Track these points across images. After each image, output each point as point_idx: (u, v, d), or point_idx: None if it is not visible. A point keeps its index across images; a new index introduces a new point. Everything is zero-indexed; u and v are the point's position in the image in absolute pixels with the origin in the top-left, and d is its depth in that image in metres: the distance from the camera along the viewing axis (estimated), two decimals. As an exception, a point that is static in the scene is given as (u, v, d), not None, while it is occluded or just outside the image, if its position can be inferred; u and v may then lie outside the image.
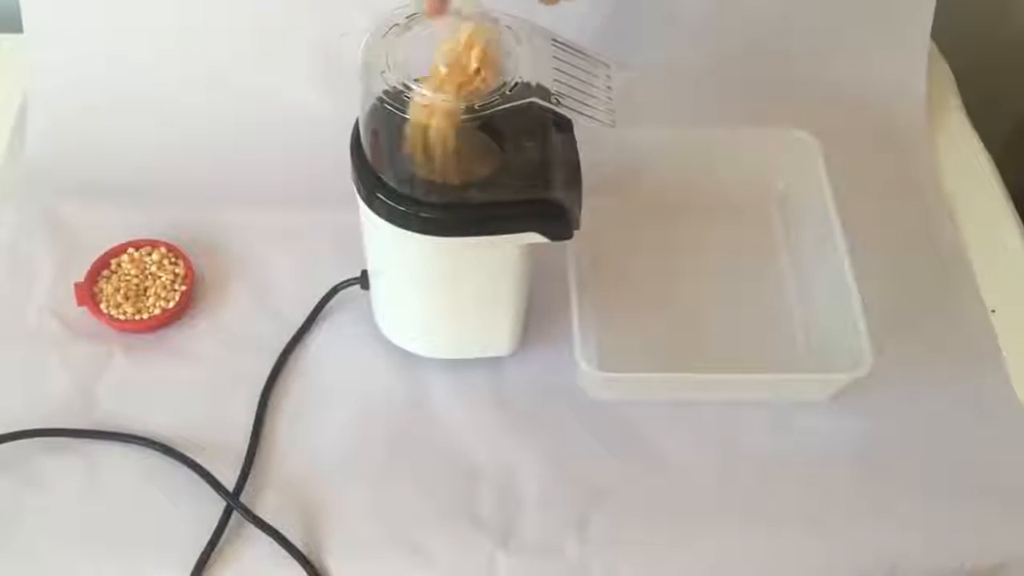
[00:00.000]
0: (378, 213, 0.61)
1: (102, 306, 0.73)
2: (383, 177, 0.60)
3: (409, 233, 0.61)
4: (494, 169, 0.61)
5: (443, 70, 0.57)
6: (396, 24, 0.58)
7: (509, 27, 0.59)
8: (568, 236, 0.62)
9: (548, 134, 0.62)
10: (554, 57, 0.59)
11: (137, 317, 0.72)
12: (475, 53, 0.56)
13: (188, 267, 0.75)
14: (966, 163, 0.88)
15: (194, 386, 0.71)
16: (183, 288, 0.74)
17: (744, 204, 0.81)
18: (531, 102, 0.57)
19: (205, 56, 0.83)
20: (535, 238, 0.62)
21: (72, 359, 0.72)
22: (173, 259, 0.75)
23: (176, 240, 0.77)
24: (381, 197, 0.60)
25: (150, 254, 0.75)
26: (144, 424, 0.69)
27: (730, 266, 0.78)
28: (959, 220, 0.83)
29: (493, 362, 0.73)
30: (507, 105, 0.56)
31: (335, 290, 0.75)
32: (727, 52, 0.86)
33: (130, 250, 0.75)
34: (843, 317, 0.70)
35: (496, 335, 0.71)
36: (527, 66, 0.58)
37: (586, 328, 0.69)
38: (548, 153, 0.62)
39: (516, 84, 0.57)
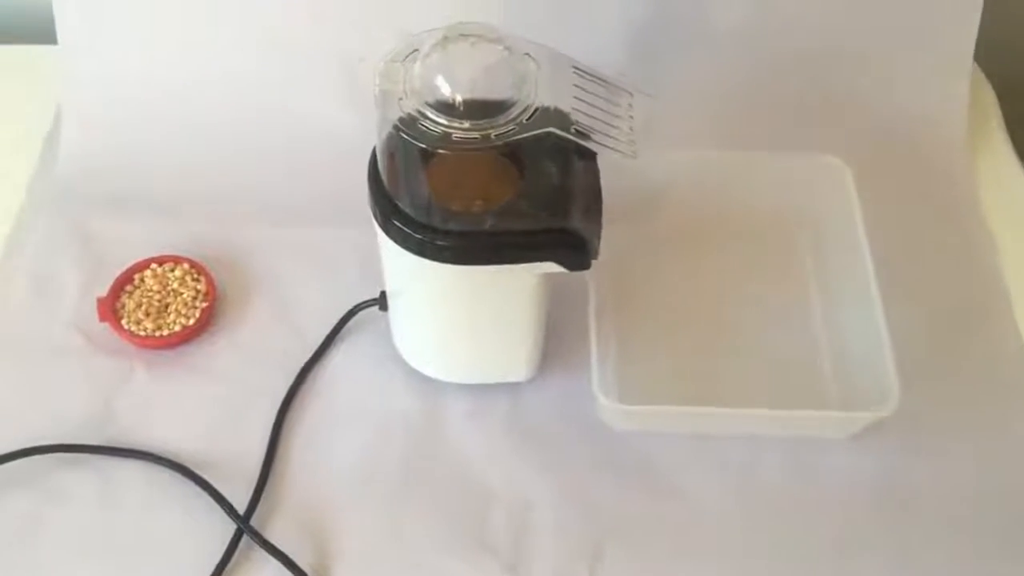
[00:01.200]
0: (394, 240, 0.60)
1: (123, 322, 0.73)
2: (399, 204, 0.60)
3: (425, 260, 0.60)
4: (512, 195, 0.60)
5: None
6: (415, 49, 0.58)
7: (528, 53, 0.58)
8: (586, 266, 0.61)
9: (569, 159, 0.61)
10: (575, 85, 0.58)
11: (157, 333, 0.73)
12: None
13: (210, 284, 0.75)
14: (1008, 190, 0.85)
15: (212, 403, 0.72)
16: (204, 305, 0.74)
17: (771, 232, 0.79)
18: (549, 132, 0.56)
19: (235, 74, 0.83)
20: (552, 268, 0.61)
21: (93, 374, 0.72)
22: (195, 276, 0.76)
23: (200, 256, 0.77)
24: (397, 224, 0.60)
25: (173, 270, 0.76)
26: (161, 441, 0.69)
27: (755, 296, 0.76)
28: (1000, 251, 0.80)
29: (511, 387, 0.72)
30: (524, 135, 0.55)
31: (354, 311, 0.74)
32: (758, 74, 0.84)
33: (153, 266, 0.76)
34: (871, 351, 0.68)
35: (514, 361, 0.70)
36: (546, 92, 0.57)
37: (605, 358, 0.69)
38: (568, 179, 0.61)
39: (535, 111, 0.56)
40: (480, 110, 0.56)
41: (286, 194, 0.81)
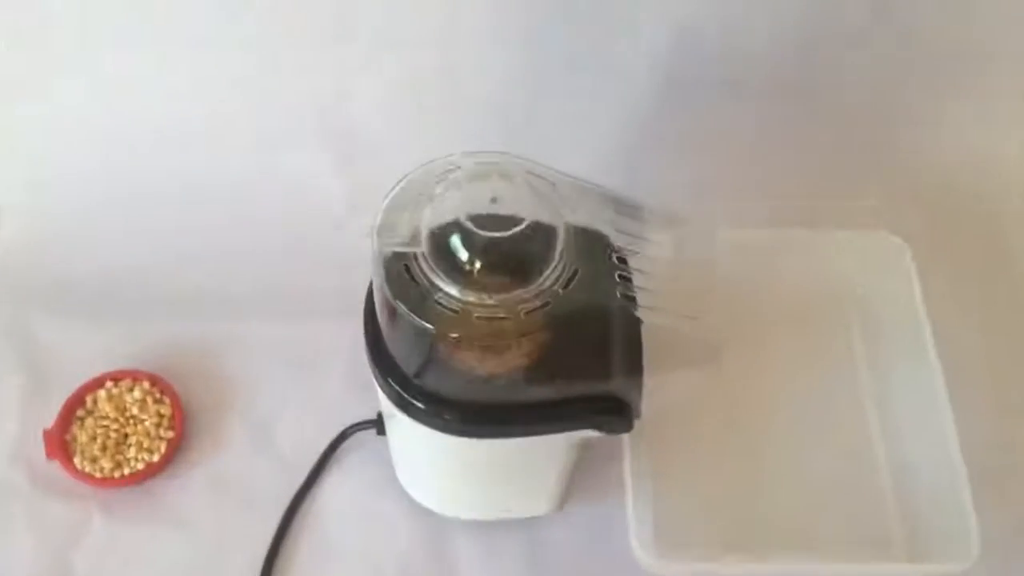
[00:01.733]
0: (395, 403, 0.50)
1: (76, 459, 0.62)
2: (400, 364, 0.49)
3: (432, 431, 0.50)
4: (538, 354, 0.50)
5: None
6: (420, 193, 0.46)
7: (565, 195, 0.47)
8: (628, 429, 0.51)
9: (605, 303, 0.50)
10: (618, 230, 0.47)
11: (116, 473, 0.62)
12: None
13: (176, 406, 0.64)
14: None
15: (185, 554, 0.62)
16: (169, 435, 0.63)
17: (821, 323, 0.69)
18: (595, 307, 0.45)
19: (197, 136, 0.70)
20: (587, 434, 0.51)
21: (43, 522, 0.62)
22: (158, 396, 0.65)
23: (162, 364, 0.67)
24: (397, 388, 0.49)
25: (131, 390, 0.65)
26: (128, 604, 0.60)
27: (804, 403, 0.66)
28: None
29: (530, 523, 0.63)
30: (563, 311, 0.45)
31: (345, 434, 0.64)
32: (797, 133, 0.73)
33: (108, 384, 0.65)
34: (941, 478, 0.59)
35: (535, 499, 0.61)
36: (583, 241, 0.47)
37: (640, 494, 0.59)
38: (605, 329, 0.50)
39: (574, 274, 0.46)
40: (506, 275, 0.45)
41: (261, 281, 0.70)
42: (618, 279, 0.46)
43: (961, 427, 0.60)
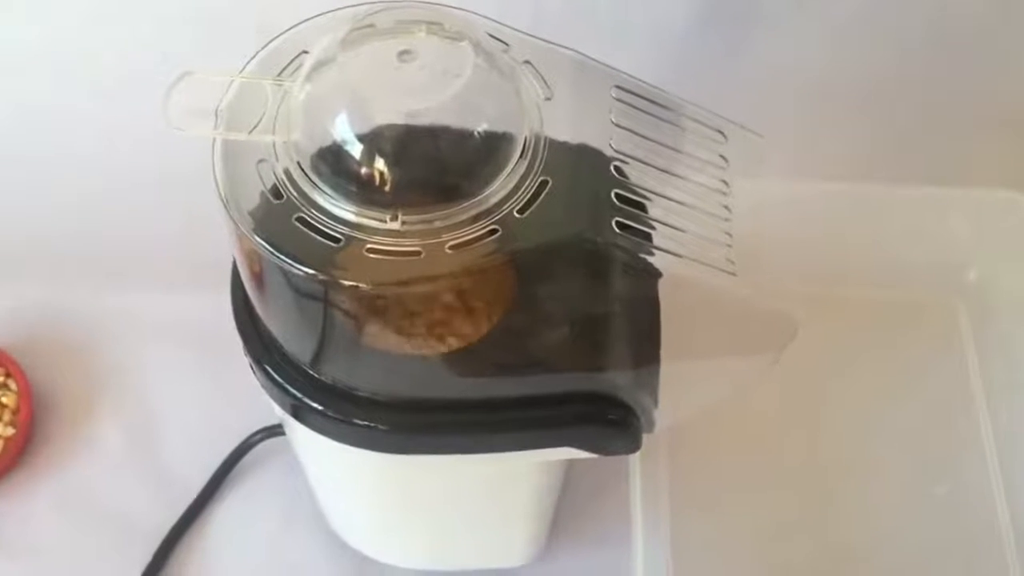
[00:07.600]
0: (281, 404, 0.33)
1: None
2: (293, 356, 0.32)
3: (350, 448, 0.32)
4: (498, 326, 0.32)
5: None
6: (303, 52, 0.29)
7: (528, 61, 0.30)
8: (633, 449, 0.33)
9: (602, 256, 0.31)
10: (620, 126, 0.29)
11: (-65, 485, 0.46)
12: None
13: (24, 392, 0.48)
14: None
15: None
16: (9, 432, 0.47)
17: (921, 311, 0.51)
18: (575, 239, 0.27)
19: (66, 55, 0.53)
20: (573, 453, 0.33)
21: None
22: (1, 378, 0.48)
23: (10, 338, 0.50)
24: (280, 380, 0.32)
25: (-37, 370, 0.48)
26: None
27: (889, 419, 0.49)
28: None
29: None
30: (517, 247, 0.27)
31: (251, 442, 0.47)
32: (893, 68, 0.54)
33: (-69, 361, 0.48)
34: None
35: (505, 545, 0.43)
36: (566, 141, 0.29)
37: (653, 538, 0.41)
38: (596, 282, 0.31)
39: (544, 186, 0.28)
40: (430, 185, 0.27)
41: (144, 239, 0.53)
42: (616, 199, 0.28)
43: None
